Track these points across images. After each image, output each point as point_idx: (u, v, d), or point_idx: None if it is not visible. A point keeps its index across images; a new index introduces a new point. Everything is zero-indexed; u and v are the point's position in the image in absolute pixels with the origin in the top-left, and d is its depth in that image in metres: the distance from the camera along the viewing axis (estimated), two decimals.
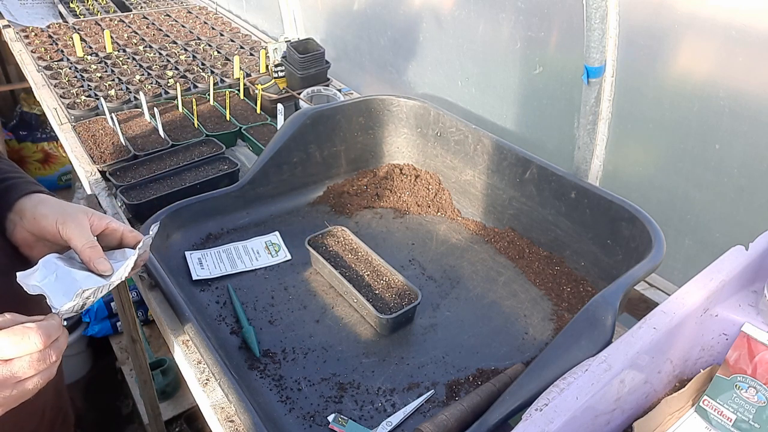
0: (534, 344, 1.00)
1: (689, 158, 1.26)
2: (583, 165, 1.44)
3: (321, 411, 0.86)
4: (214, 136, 1.57)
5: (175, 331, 0.94)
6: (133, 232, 0.85)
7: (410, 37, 1.95)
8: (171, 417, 1.98)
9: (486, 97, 1.74)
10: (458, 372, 0.94)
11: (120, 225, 0.85)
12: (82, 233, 0.79)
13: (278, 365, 0.94)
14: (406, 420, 0.86)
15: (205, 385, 0.86)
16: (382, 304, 1.01)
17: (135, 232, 0.85)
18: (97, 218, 0.83)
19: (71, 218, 0.80)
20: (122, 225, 0.85)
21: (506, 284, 1.13)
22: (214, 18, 2.68)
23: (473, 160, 1.28)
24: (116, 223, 0.84)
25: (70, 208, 0.83)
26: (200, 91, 1.92)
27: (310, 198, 1.33)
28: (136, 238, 0.85)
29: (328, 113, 1.33)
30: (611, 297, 0.81)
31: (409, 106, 1.37)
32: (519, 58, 1.56)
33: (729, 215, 1.22)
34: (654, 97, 1.28)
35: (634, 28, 1.24)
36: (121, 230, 0.84)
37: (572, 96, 1.40)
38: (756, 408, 0.74)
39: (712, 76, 1.17)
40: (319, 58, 1.90)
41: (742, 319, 0.79)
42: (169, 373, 2.06)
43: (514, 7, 1.49)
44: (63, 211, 0.81)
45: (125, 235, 0.85)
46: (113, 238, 0.85)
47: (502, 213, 1.25)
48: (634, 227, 0.99)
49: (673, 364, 0.80)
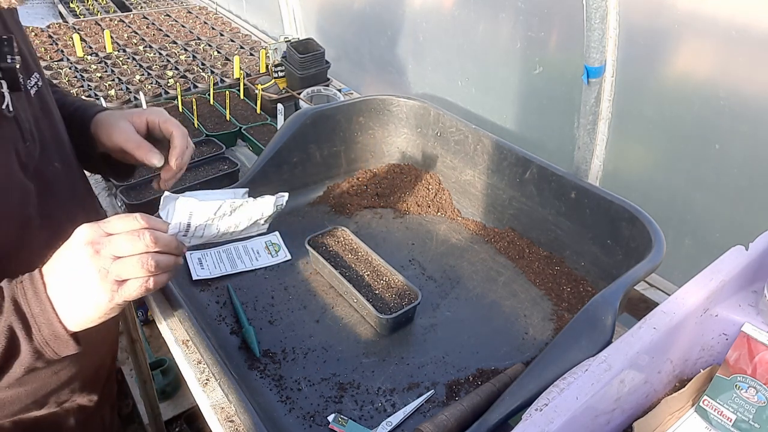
0: (534, 344, 1.00)
1: (689, 158, 1.26)
2: (583, 165, 1.44)
3: (321, 411, 0.86)
4: (214, 136, 1.57)
5: (175, 331, 0.94)
6: (167, 121, 0.93)
7: (410, 37, 1.96)
8: (171, 417, 1.98)
9: (486, 97, 1.74)
10: (458, 372, 0.94)
11: (157, 116, 0.93)
12: (127, 137, 0.89)
13: (278, 365, 0.94)
14: (406, 420, 0.86)
15: (205, 385, 0.86)
16: (382, 304, 1.01)
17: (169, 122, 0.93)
18: (137, 116, 0.92)
19: (114, 128, 0.90)
20: (159, 115, 0.93)
21: (506, 284, 1.13)
22: (214, 18, 2.68)
23: (473, 160, 1.28)
24: (153, 115, 0.93)
25: (113, 117, 0.92)
26: (200, 91, 1.92)
27: (310, 198, 1.33)
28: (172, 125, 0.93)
29: (328, 113, 1.33)
30: (611, 297, 0.81)
31: (409, 106, 1.37)
32: (519, 58, 1.56)
33: (729, 215, 1.22)
34: (654, 97, 1.29)
35: (634, 28, 1.24)
36: (156, 120, 0.93)
37: (572, 96, 1.40)
38: (756, 408, 0.74)
39: (712, 76, 1.17)
40: (319, 58, 1.90)
41: (742, 319, 0.79)
42: (169, 373, 2.06)
43: (514, 7, 1.49)
44: (108, 125, 0.91)
45: (161, 124, 0.93)
46: (156, 131, 0.94)
47: (502, 213, 1.25)
48: (634, 227, 0.99)
49: (673, 364, 0.80)
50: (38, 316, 0.66)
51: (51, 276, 0.68)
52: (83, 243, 0.66)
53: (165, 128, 0.93)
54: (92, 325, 0.70)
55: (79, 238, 0.67)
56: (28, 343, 0.66)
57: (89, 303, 0.67)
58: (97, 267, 0.66)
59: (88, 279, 0.66)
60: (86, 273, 0.66)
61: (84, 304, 0.67)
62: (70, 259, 0.67)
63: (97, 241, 0.66)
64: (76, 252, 0.66)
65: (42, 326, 0.66)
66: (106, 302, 0.67)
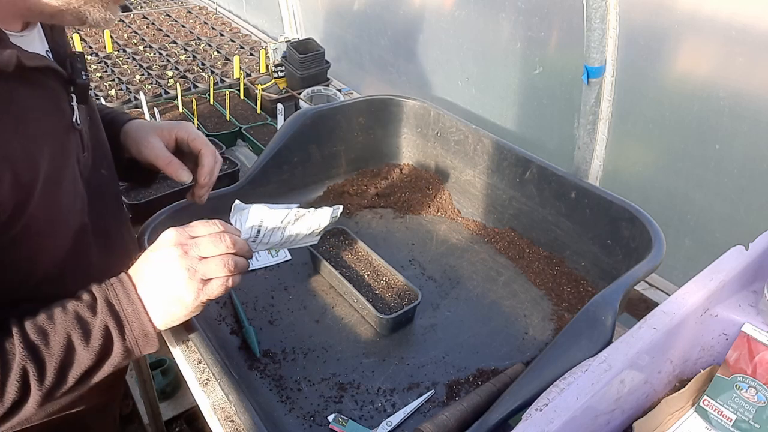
0: (534, 344, 1.00)
1: (689, 158, 1.26)
2: (583, 165, 1.44)
3: (321, 411, 0.86)
4: (214, 136, 1.57)
5: (175, 331, 0.94)
6: (196, 139, 0.93)
7: (410, 37, 1.96)
8: (171, 417, 1.98)
9: (486, 97, 1.74)
10: (458, 372, 0.94)
11: (186, 133, 0.93)
12: (157, 154, 0.89)
13: (278, 365, 0.94)
14: (406, 420, 0.86)
15: (205, 385, 0.86)
16: (382, 304, 1.01)
17: (198, 139, 0.94)
18: (166, 132, 0.92)
19: (144, 143, 0.90)
20: (188, 132, 0.93)
21: (506, 284, 1.13)
22: (214, 18, 2.68)
23: (473, 160, 1.28)
24: (182, 132, 0.93)
25: (142, 131, 0.92)
26: (200, 91, 1.92)
27: (310, 198, 1.33)
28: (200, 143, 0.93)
29: (328, 113, 1.33)
30: (611, 297, 0.81)
31: (409, 106, 1.37)
32: (519, 58, 1.56)
33: (729, 215, 1.22)
34: (654, 97, 1.29)
35: (634, 28, 1.24)
36: (185, 137, 0.93)
37: (572, 96, 1.40)
38: (756, 408, 0.74)
39: (712, 76, 1.17)
40: (319, 58, 1.90)
41: (742, 319, 0.79)
42: (169, 373, 2.06)
43: (514, 7, 1.50)
44: (138, 139, 0.91)
45: (190, 142, 0.93)
46: (184, 147, 0.94)
47: (502, 213, 1.25)
48: (634, 227, 0.99)
49: (673, 364, 0.80)
50: (130, 315, 0.70)
51: (139, 277, 0.72)
52: (172, 244, 0.71)
53: (193, 146, 0.94)
54: (176, 324, 0.74)
55: (168, 241, 0.72)
56: (120, 342, 0.69)
57: (177, 302, 0.71)
58: (186, 266, 0.70)
59: (177, 278, 0.70)
60: (176, 272, 0.70)
61: (172, 302, 0.72)
62: (160, 260, 0.71)
63: (185, 243, 0.72)
64: (165, 253, 0.71)
65: (134, 326, 0.70)
66: (192, 300, 0.71)
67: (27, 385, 0.64)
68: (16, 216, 0.63)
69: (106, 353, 0.69)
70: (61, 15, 0.67)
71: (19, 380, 0.63)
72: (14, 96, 0.64)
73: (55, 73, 0.70)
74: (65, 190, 0.72)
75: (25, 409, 0.65)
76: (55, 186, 0.69)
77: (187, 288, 0.71)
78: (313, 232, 0.88)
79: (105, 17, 0.69)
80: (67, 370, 0.67)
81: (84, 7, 0.66)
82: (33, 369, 0.64)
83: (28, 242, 0.67)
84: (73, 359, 0.67)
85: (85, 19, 0.68)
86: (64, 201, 0.72)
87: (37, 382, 0.64)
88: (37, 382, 0.64)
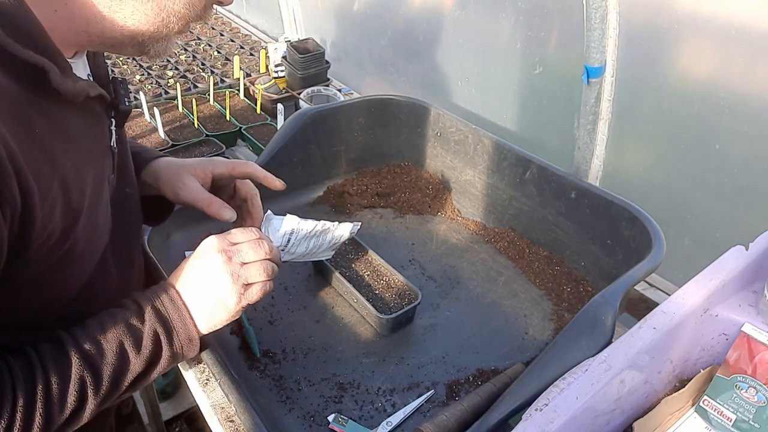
0: (534, 344, 1.00)
1: (689, 158, 1.26)
2: (583, 165, 1.44)
3: (321, 411, 0.86)
4: (214, 136, 1.57)
5: None
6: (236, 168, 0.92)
7: (410, 37, 1.96)
8: (171, 417, 1.98)
9: (486, 97, 1.74)
10: (458, 372, 0.94)
11: (224, 168, 0.92)
12: (195, 195, 0.88)
13: (278, 365, 0.94)
14: (406, 420, 0.86)
15: (205, 385, 0.86)
16: (382, 304, 1.01)
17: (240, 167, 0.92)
18: (201, 170, 0.90)
19: (179, 185, 0.88)
20: (225, 166, 0.92)
21: (506, 284, 1.13)
22: (214, 18, 2.68)
23: (473, 160, 1.28)
24: (219, 168, 0.91)
25: (175, 173, 0.90)
26: (200, 91, 1.92)
27: (310, 198, 1.33)
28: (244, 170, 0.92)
29: (328, 113, 1.33)
30: (611, 297, 0.81)
31: (409, 106, 1.37)
32: (519, 58, 1.56)
33: (729, 215, 1.22)
34: (654, 97, 1.29)
35: (634, 28, 1.24)
36: (226, 173, 0.92)
37: (572, 96, 1.40)
38: (756, 408, 0.74)
39: (712, 76, 1.17)
40: (319, 58, 1.90)
41: (742, 319, 0.79)
42: (169, 373, 2.06)
43: (514, 7, 1.50)
44: (173, 181, 0.89)
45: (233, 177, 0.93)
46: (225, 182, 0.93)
47: (502, 213, 1.25)
48: (634, 227, 0.99)
49: (673, 364, 0.80)
50: (176, 321, 0.71)
51: (182, 283, 0.73)
52: (216, 251, 0.73)
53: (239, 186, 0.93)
54: (218, 328, 0.75)
55: (212, 248, 0.74)
56: (168, 348, 0.70)
57: (221, 306, 0.73)
58: (230, 271, 0.72)
59: (221, 283, 0.72)
60: (220, 278, 0.72)
61: (216, 307, 0.73)
62: (204, 266, 0.73)
63: (228, 249, 0.74)
64: (209, 259, 0.73)
65: (180, 331, 0.71)
66: (235, 305, 0.73)
67: (84, 394, 0.64)
68: (63, 240, 0.63)
69: (156, 359, 0.70)
70: (122, 45, 0.66)
71: (77, 390, 0.63)
72: (68, 121, 0.64)
73: (100, 99, 0.70)
74: (101, 211, 0.72)
75: (79, 420, 0.65)
76: (95, 209, 0.69)
77: (230, 292, 0.72)
78: (332, 246, 0.91)
79: (165, 49, 0.69)
80: (120, 378, 0.67)
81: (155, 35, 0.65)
82: (90, 378, 0.64)
83: (67, 266, 0.66)
84: (126, 367, 0.67)
85: (147, 50, 0.67)
86: (100, 223, 0.72)
87: (93, 391, 0.64)
88: (93, 391, 0.64)
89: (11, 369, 0.60)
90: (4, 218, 0.54)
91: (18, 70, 0.56)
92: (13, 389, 0.59)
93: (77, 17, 0.61)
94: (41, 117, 0.59)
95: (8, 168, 0.53)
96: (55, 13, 0.60)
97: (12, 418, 0.58)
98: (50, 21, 0.59)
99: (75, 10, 0.60)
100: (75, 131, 0.65)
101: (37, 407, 0.60)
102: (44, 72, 0.57)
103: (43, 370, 0.61)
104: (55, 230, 0.61)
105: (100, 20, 0.61)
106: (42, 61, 0.56)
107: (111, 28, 0.62)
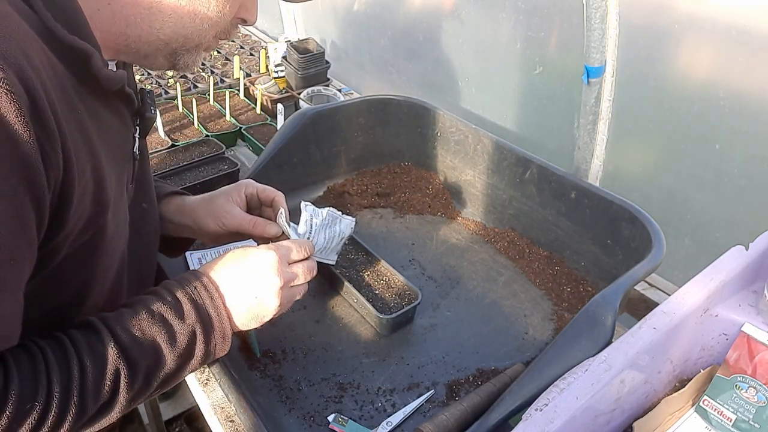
0: (534, 344, 1.00)
1: (689, 158, 1.26)
2: (583, 165, 1.44)
3: (321, 411, 0.86)
4: (214, 136, 1.57)
5: None
6: (265, 190, 0.93)
7: (410, 37, 1.96)
8: (171, 417, 1.98)
9: (486, 97, 1.74)
10: (458, 372, 0.94)
11: (253, 187, 0.93)
12: (241, 220, 0.89)
13: (278, 365, 0.94)
14: (406, 420, 0.86)
15: (205, 385, 0.86)
16: (382, 304, 1.01)
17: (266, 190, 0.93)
18: (236, 194, 0.92)
19: (223, 214, 0.89)
20: (255, 186, 0.93)
21: (506, 284, 1.13)
22: None
23: (473, 160, 1.28)
24: (251, 188, 0.93)
25: (217, 202, 0.91)
26: (200, 91, 1.92)
27: (310, 198, 1.33)
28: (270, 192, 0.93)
29: (328, 113, 1.33)
30: (611, 297, 0.81)
31: (409, 106, 1.37)
32: (519, 58, 1.56)
33: (729, 215, 1.22)
34: (654, 97, 1.28)
35: (634, 28, 1.24)
36: (257, 192, 0.93)
37: (572, 96, 1.40)
38: (756, 408, 0.74)
39: (712, 76, 1.17)
40: (319, 58, 1.90)
41: (742, 319, 0.79)
42: None
43: (514, 7, 1.50)
44: (214, 213, 0.89)
45: (260, 193, 0.93)
46: (257, 199, 0.94)
47: (502, 213, 1.25)
48: (634, 227, 0.99)
49: (673, 364, 0.80)
50: (214, 318, 0.70)
51: (222, 279, 0.72)
52: (268, 248, 0.75)
53: (265, 197, 0.94)
54: (254, 326, 0.75)
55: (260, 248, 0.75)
56: (203, 346, 0.69)
57: (263, 304, 0.74)
58: (281, 271, 0.74)
59: (270, 282, 0.73)
60: (271, 276, 0.74)
61: (258, 305, 0.73)
62: (255, 263, 0.74)
63: (278, 247, 0.76)
64: (263, 257, 0.74)
65: (216, 329, 0.70)
66: (277, 306, 0.75)
67: (117, 386, 0.62)
68: (88, 227, 0.62)
69: (189, 356, 0.68)
70: (155, 54, 0.67)
71: (111, 381, 0.61)
72: (102, 114, 0.64)
73: (128, 102, 0.70)
74: (121, 215, 0.71)
75: (108, 414, 0.63)
76: (116, 209, 0.68)
77: (277, 292, 0.74)
78: (337, 243, 0.92)
79: (194, 60, 0.70)
80: (153, 374, 0.65)
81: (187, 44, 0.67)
82: (125, 371, 0.62)
83: (88, 259, 0.65)
84: (160, 362, 0.65)
85: (177, 61, 0.68)
86: (120, 225, 0.71)
87: (127, 385, 0.62)
88: (127, 384, 0.62)
89: (45, 355, 0.58)
90: (48, 185, 0.53)
91: (64, 54, 0.57)
92: (47, 375, 0.57)
93: (118, 17, 0.62)
94: (81, 102, 0.60)
95: (56, 136, 0.53)
96: (98, 12, 0.61)
97: (47, 404, 0.56)
98: (93, 19, 0.60)
99: (117, 9, 0.62)
100: (106, 126, 0.65)
101: (73, 395, 0.58)
102: (87, 57, 0.58)
103: (78, 358, 0.60)
104: (82, 218, 0.60)
105: (140, 22, 0.63)
106: (86, 47, 0.58)
107: (149, 32, 0.64)
